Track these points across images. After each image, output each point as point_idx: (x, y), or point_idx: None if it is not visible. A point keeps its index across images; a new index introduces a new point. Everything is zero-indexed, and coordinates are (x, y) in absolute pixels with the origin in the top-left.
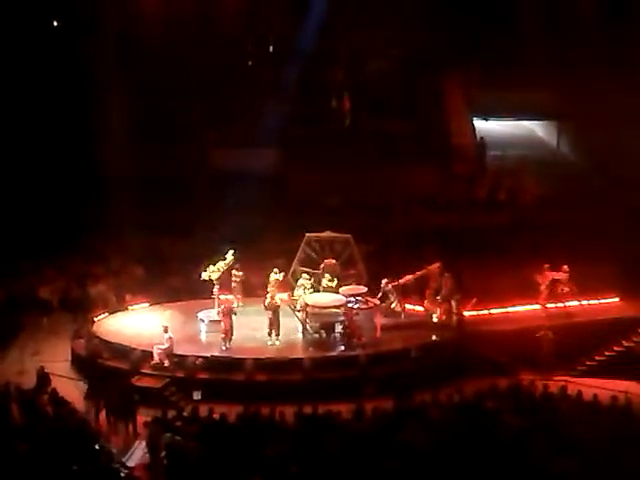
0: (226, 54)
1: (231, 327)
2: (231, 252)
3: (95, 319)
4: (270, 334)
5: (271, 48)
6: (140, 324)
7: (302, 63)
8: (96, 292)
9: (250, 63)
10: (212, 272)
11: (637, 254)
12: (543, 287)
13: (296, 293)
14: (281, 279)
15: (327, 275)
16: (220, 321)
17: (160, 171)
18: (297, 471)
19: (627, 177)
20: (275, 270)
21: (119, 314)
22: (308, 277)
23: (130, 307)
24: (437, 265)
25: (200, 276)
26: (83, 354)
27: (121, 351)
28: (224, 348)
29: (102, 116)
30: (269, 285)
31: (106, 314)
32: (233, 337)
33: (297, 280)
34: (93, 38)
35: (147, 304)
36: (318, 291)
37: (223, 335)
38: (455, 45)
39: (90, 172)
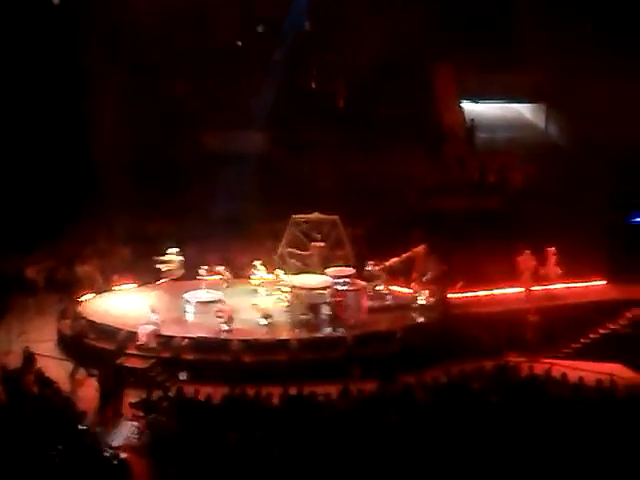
0: (217, 36)
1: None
2: (175, 250)
3: (81, 300)
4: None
5: (260, 29)
6: (126, 305)
7: (293, 46)
8: (83, 273)
9: (239, 44)
10: (164, 265)
11: (623, 237)
12: (524, 271)
13: (281, 275)
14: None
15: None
16: (206, 302)
17: (150, 153)
18: (280, 454)
19: (614, 160)
20: (257, 264)
21: (106, 295)
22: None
23: (117, 288)
24: (423, 247)
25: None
26: (69, 334)
27: (107, 332)
28: (226, 328)
29: (92, 98)
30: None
31: (92, 295)
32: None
33: (284, 261)
34: (83, 24)
35: (134, 285)
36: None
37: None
38: (444, 28)
39: (80, 154)
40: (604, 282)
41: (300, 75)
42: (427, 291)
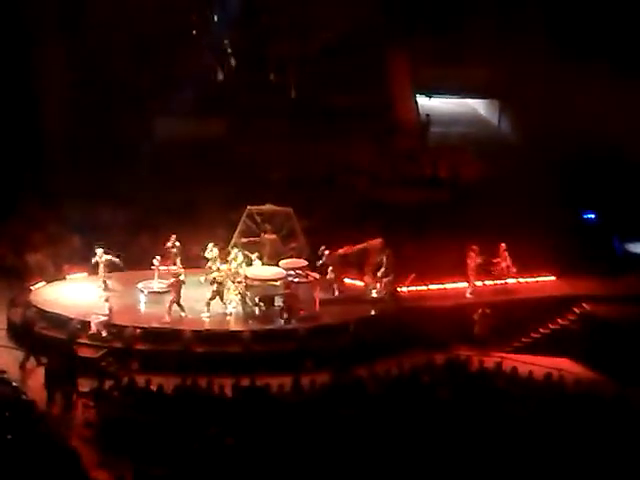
0: (172, 21)
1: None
2: (100, 250)
3: (32, 288)
4: (208, 306)
5: (215, 17)
6: (78, 294)
7: (247, 34)
8: (33, 260)
9: (195, 32)
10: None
11: (573, 234)
12: (471, 267)
13: (232, 266)
14: (217, 253)
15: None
16: (160, 292)
17: (103, 138)
18: (233, 443)
19: (565, 157)
20: (210, 245)
21: (57, 283)
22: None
23: (68, 276)
24: (379, 241)
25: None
26: (19, 323)
27: (58, 320)
28: (168, 319)
29: (44, 81)
30: (210, 260)
31: (43, 283)
32: (179, 309)
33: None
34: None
35: (85, 274)
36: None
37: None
38: (399, 21)
39: (30, 137)
40: (554, 278)
41: (253, 62)
42: (379, 284)
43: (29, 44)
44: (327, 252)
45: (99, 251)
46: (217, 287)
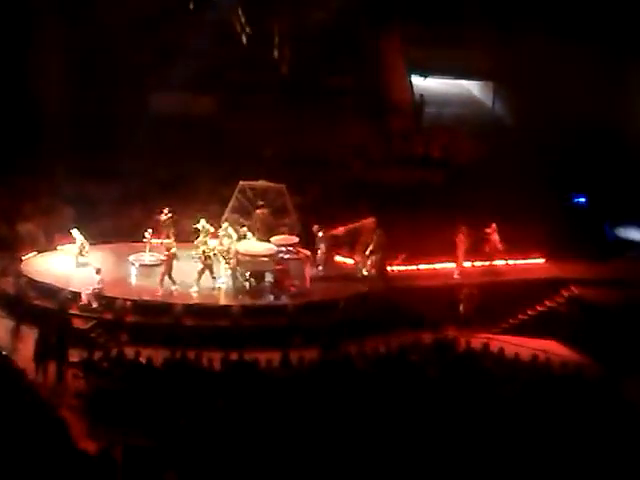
0: None
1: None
2: (76, 230)
3: (23, 258)
4: (198, 281)
5: None
6: (69, 265)
7: (243, 10)
8: (25, 231)
9: (191, 7)
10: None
11: (563, 216)
12: (460, 248)
13: (223, 242)
14: (209, 229)
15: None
16: (150, 265)
17: (96, 113)
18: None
19: (557, 140)
20: (201, 220)
21: (48, 254)
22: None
23: (59, 247)
24: (372, 220)
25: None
26: (10, 292)
27: (49, 291)
28: (160, 292)
29: (39, 56)
30: (201, 234)
31: (35, 253)
32: (170, 281)
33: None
34: None
35: (76, 245)
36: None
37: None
38: (394, 0)
39: (24, 110)
40: (543, 260)
41: (248, 40)
42: (369, 262)
43: (27, 21)
44: (320, 233)
45: (75, 232)
46: (206, 261)
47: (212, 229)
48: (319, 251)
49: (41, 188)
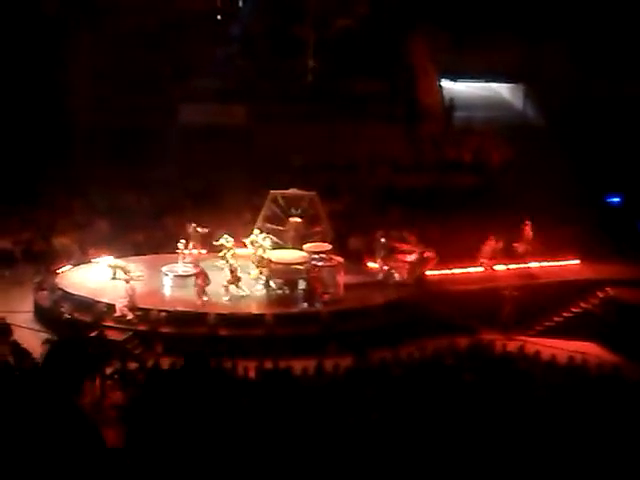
0: (196, 8)
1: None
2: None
3: (58, 271)
4: (227, 289)
5: (240, 3)
6: (103, 277)
7: (270, 19)
8: (60, 244)
9: (219, 17)
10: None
11: (597, 218)
12: (486, 252)
13: (256, 251)
14: (232, 245)
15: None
16: (184, 276)
17: (127, 125)
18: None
19: (589, 141)
20: (226, 236)
21: (82, 267)
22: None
23: (94, 260)
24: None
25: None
26: (46, 306)
27: (84, 304)
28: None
29: (70, 69)
30: (223, 250)
31: (69, 266)
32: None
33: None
34: None
35: (111, 258)
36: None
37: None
38: (423, 5)
39: (57, 125)
40: (578, 261)
41: (278, 49)
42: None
43: (54, 33)
44: (383, 239)
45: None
46: (234, 274)
47: (232, 245)
48: (379, 258)
49: (75, 202)
